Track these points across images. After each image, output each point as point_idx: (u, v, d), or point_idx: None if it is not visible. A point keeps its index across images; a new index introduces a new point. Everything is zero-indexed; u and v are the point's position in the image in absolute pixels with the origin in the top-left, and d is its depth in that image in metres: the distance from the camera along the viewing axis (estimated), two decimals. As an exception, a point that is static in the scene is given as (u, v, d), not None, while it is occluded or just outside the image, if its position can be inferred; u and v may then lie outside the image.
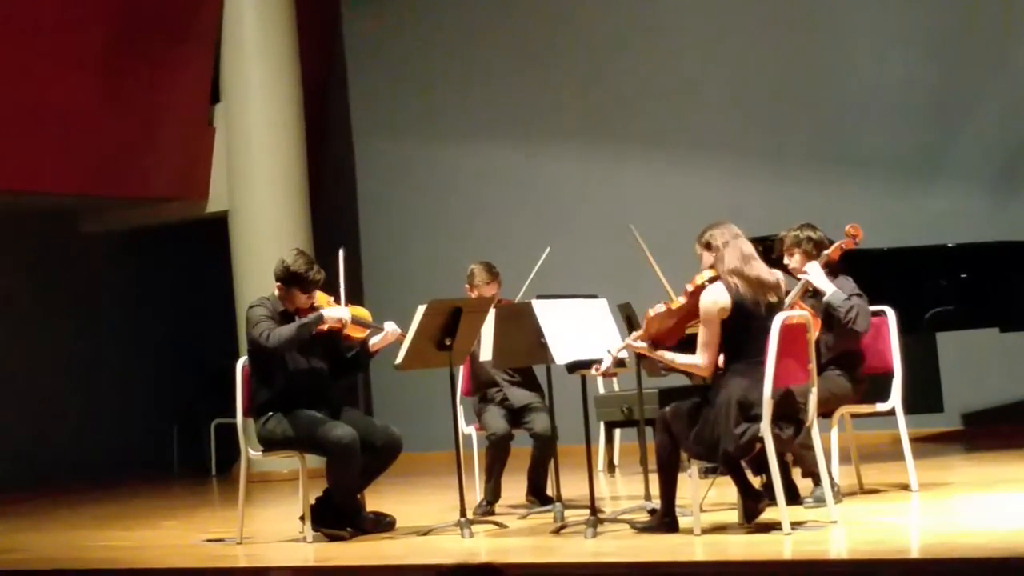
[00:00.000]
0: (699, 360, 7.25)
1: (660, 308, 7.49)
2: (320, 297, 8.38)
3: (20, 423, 14.34)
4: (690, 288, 7.39)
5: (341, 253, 8.40)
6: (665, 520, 7.40)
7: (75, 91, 13.14)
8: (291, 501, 9.53)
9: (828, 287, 8.26)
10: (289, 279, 8.28)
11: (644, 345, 7.51)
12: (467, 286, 9.27)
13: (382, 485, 8.83)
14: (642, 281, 9.39)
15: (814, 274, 8.26)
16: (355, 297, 9.01)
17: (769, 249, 8.77)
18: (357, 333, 8.40)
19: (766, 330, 7.07)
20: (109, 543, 9.44)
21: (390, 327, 8.40)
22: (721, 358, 7.30)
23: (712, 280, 7.28)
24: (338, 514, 8.24)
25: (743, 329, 7.16)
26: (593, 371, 7.80)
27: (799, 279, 8.30)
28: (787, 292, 7.63)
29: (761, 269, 7.29)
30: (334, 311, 8.22)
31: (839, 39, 13.01)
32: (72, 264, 15.15)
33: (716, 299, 7.18)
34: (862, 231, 8.53)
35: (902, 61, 12.74)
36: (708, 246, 7.34)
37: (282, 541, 8.52)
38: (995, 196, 12.34)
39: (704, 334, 7.22)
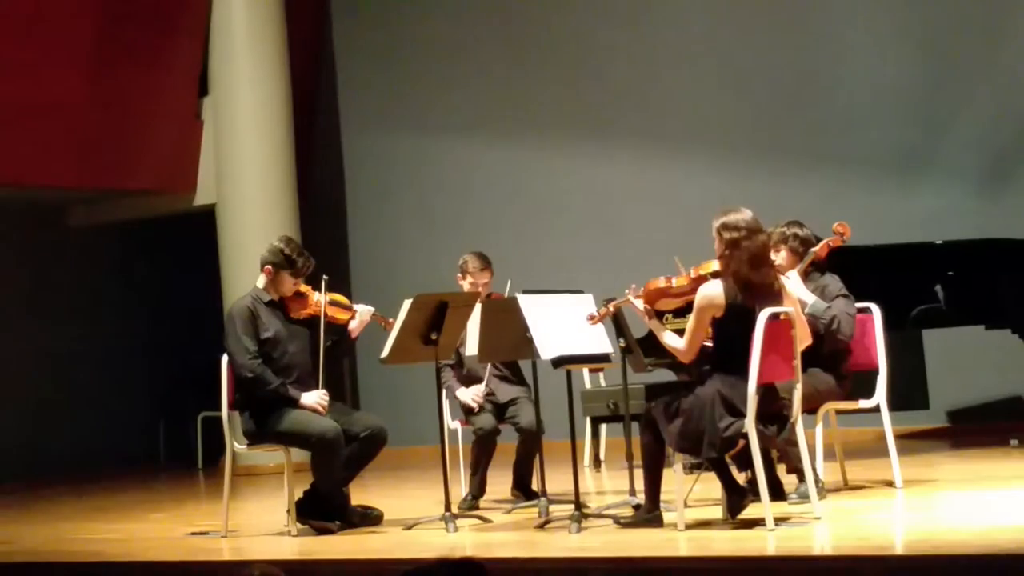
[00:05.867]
0: (682, 345, 7.29)
1: (662, 282, 7.54)
2: (302, 285, 8.43)
3: (6, 416, 14.31)
4: (693, 274, 7.42)
5: (324, 281, 8.46)
6: (649, 515, 7.40)
7: (63, 84, 13.12)
8: (276, 495, 9.54)
9: (808, 297, 8.25)
10: (281, 263, 8.33)
11: (643, 307, 7.54)
12: (459, 275, 9.28)
13: (368, 479, 8.84)
14: (630, 275, 9.38)
15: (794, 284, 8.24)
16: (343, 290, 9.06)
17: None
18: (342, 315, 8.46)
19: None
20: (95, 536, 9.44)
21: (363, 308, 8.44)
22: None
23: (716, 274, 7.28)
24: (326, 507, 8.24)
25: (732, 331, 7.15)
26: (588, 320, 7.79)
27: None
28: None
29: (766, 276, 7.26)
30: (309, 399, 8.24)
31: (830, 36, 13.00)
32: (59, 257, 15.12)
33: (712, 298, 7.18)
34: (850, 229, 8.54)
35: (892, 59, 12.74)
36: (720, 236, 7.30)
37: (267, 534, 8.53)
38: (983, 194, 12.35)
39: (692, 324, 7.25)
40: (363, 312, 8.46)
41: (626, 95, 13.76)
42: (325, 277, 8.48)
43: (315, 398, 8.26)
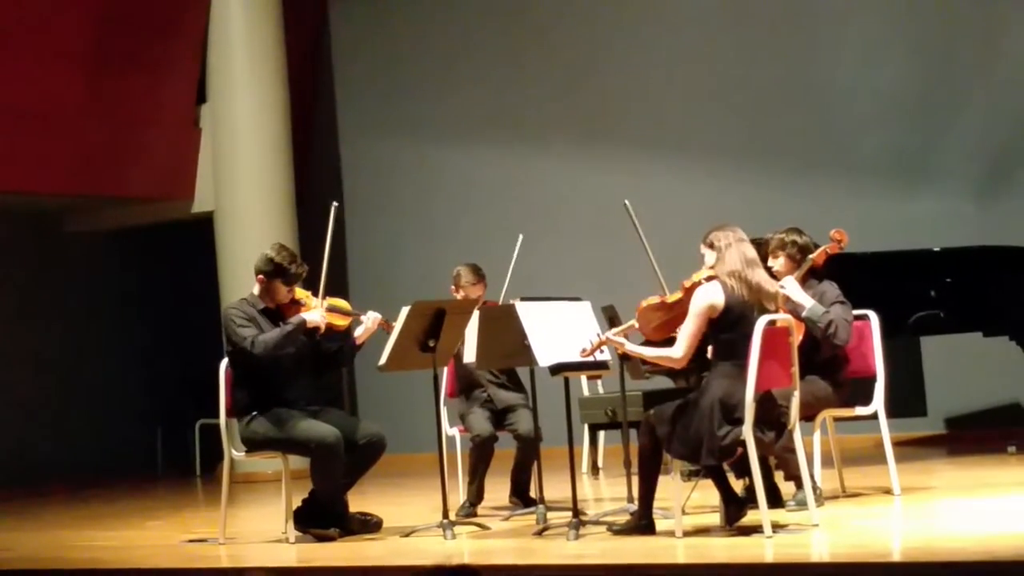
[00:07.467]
0: (675, 352, 7.27)
1: (654, 300, 7.54)
2: (299, 291, 8.41)
3: (4, 423, 14.30)
4: (687, 284, 7.42)
5: (333, 207, 8.47)
6: (642, 522, 7.40)
7: (60, 90, 13.13)
8: (274, 502, 9.53)
9: (806, 301, 8.26)
10: (273, 271, 8.30)
11: (622, 341, 7.54)
12: (453, 287, 9.28)
13: (366, 486, 8.84)
14: (627, 282, 9.41)
15: (791, 288, 8.25)
16: (340, 297, 9.02)
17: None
18: (340, 321, 8.42)
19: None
20: (92, 543, 9.43)
21: (371, 315, 8.40)
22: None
23: (709, 279, 7.29)
24: (325, 514, 8.23)
25: (731, 332, 7.16)
26: (580, 354, 7.79)
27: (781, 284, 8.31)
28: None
29: (762, 276, 7.28)
30: (313, 314, 8.23)
31: (826, 43, 13.03)
32: (56, 264, 15.11)
33: (710, 296, 7.19)
34: (847, 236, 8.54)
35: (888, 66, 12.76)
36: (711, 246, 7.33)
37: (265, 542, 8.52)
38: (980, 200, 12.37)
39: (688, 326, 7.23)
40: (369, 319, 8.41)
41: (624, 102, 13.78)
42: (335, 204, 8.50)
43: (317, 314, 8.26)
